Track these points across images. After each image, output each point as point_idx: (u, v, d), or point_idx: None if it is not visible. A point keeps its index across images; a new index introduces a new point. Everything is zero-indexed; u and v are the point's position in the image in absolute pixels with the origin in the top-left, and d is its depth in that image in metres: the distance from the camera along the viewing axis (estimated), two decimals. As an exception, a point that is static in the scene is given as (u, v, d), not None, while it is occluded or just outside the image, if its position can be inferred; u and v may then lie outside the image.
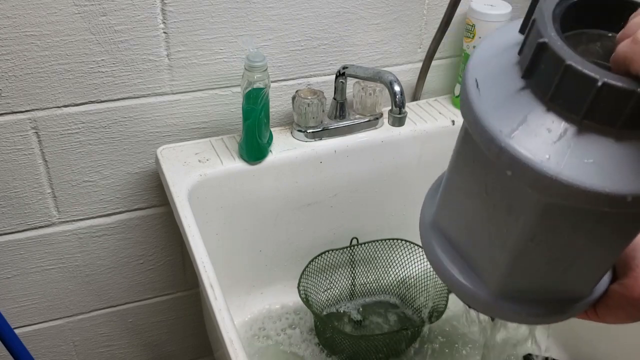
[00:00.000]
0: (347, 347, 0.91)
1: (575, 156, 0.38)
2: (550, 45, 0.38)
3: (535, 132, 0.39)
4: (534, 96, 0.40)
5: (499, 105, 0.41)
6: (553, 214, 0.42)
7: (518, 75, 0.41)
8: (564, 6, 0.41)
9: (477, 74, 0.43)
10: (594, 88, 0.36)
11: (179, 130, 0.92)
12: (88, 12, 0.78)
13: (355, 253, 1.00)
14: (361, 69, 0.88)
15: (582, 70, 0.37)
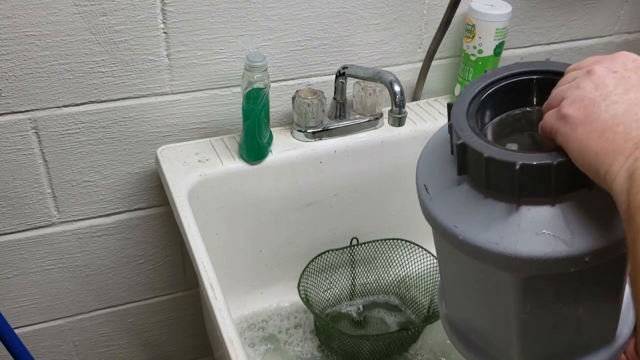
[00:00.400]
0: (347, 347, 0.91)
1: (526, 231, 0.41)
2: (469, 144, 0.42)
3: (484, 220, 0.42)
4: (472, 188, 0.44)
5: (447, 203, 0.45)
6: (532, 285, 0.44)
7: (455, 172, 0.45)
8: (479, 100, 0.46)
9: (424, 178, 0.48)
10: (515, 171, 0.40)
11: (179, 130, 0.92)
12: (88, 12, 0.78)
13: (355, 253, 1.00)
14: (361, 69, 0.88)
15: (500, 158, 0.41)
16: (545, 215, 0.41)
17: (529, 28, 1.07)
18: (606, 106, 0.38)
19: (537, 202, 0.41)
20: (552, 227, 0.40)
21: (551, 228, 0.40)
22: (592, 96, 0.39)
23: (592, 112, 0.39)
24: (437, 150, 0.49)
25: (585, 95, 0.40)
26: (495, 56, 0.97)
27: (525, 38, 1.08)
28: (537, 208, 0.41)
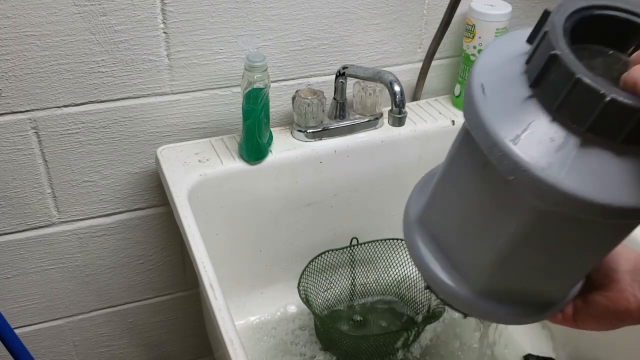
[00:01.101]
0: (347, 347, 0.91)
1: (575, 166, 0.39)
2: (562, 58, 0.39)
3: (539, 140, 0.40)
4: (540, 105, 0.41)
5: (504, 111, 0.41)
6: (546, 220, 0.43)
7: (525, 84, 0.42)
8: (573, 20, 0.42)
9: (484, 79, 0.44)
10: (602, 103, 0.37)
11: (179, 130, 0.92)
12: (88, 12, 0.78)
13: (355, 253, 1.00)
14: (361, 69, 0.88)
15: (592, 85, 0.38)
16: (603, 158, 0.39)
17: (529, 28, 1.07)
18: None
19: (600, 144, 0.39)
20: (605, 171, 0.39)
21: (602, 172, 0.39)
22: None
23: None
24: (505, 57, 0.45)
25: None
26: (495, 56, 0.97)
27: (525, 38, 1.08)
28: (597, 149, 0.39)
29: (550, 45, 0.40)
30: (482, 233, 0.48)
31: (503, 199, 0.44)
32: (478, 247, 0.49)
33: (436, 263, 0.52)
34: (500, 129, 0.41)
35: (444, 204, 0.52)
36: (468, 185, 0.48)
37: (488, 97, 0.43)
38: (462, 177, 0.49)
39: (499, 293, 0.50)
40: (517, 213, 0.43)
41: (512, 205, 0.44)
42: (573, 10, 0.43)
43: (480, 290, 0.50)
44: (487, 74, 0.44)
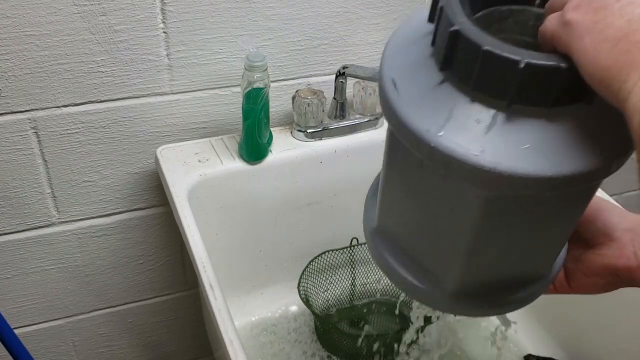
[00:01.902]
0: (347, 347, 0.91)
1: (510, 144, 0.36)
2: (464, 33, 0.36)
3: (464, 126, 0.37)
4: (456, 88, 0.37)
5: (421, 103, 0.38)
6: (497, 205, 0.40)
7: (435, 68, 0.38)
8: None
9: (393, 73, 0.40)
10: (517, 70, 0.34)
11: (178, 130, 0.92)
12: (88, 12, 0.78)
13: (355, 253, 0.99)
14: (361, 68, 0.88)
15: (502, 54, 0.34)
16: (536, 127, 0.36)
17: (529, 28, 1.07)
18: (620, 9, 0.32)
19: (529, 113, 0.36)
20: (541, 142, 0.36)
21: (539, 143, 0.36)
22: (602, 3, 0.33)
23: (602, 18, 0.33)
24: (409, 42, 0.42)
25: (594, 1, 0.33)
26: (496, 56, 0.97)
27: (526, 38, 1.08)
28: (529, 119, 0.36)
29: (449, 22, 0.36)
30: (439, 234, 0.45)
31: (447, 195, 0.41)
32: (441, 249, 0.46)
33: (406, 270, 0.49)
34: (421, 123, 0.37)
35: (394, 210, 0.49)
36: (410, 187, 0.45)
37: (401, 91, 0.39)
38: (402, 180, 0.46)
39: (478, 287, 0.47)
40: (465, 206, 0.40)
41: (458, 200, 0.41)
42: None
43: (457, 289, 0.47)
44: (396, 66, 0.41)
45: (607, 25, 0.32)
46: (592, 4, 0.33)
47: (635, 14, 0.32)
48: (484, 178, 0.36)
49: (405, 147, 0.39)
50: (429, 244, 0.47)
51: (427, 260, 0.48)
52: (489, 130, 0.36)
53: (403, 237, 0.49)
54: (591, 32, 0.33)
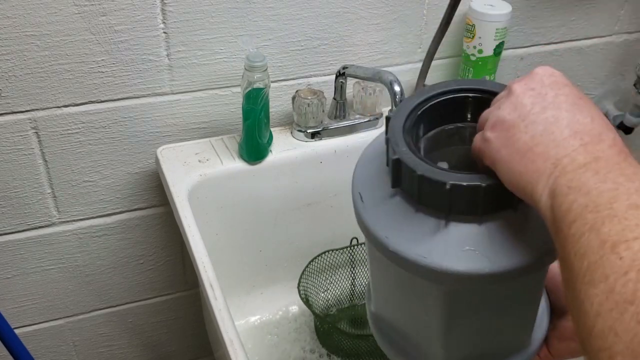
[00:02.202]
0: (347, 347, 0.91)
1: (452, 247, 0.42)
2: (403, 160, 0.44)
3: (414, 233, 0.44)
4: (404, 201, 0.45)
5: (380, 213, 0.46)
6: (457, 296, 0.46)
7: (389, 184, 0.46)
8: (416, 114, 0.48)
9: (361, 188, 0.50)
10: (445, 190, 0.41)
11: (179, 130, 0.92)
12: (88, 12, 0.78)
13: (355, 253, 1.00)
14: (361, 69, 0.88)
15: (432, 177, 0.42)
16: (471, 232, 0.43)
17: (529, 28, 1.07)
18: (525, 127, 0.39)
19: (465, 220, 0.43)
20: (477, 244, 0.42)
21: (476, 245, 0.42)
22: (511, 118, 0.40)
23: (512, 135, 0.40)
24: (373, 160, 0.51)
25: (505, 117, 0.41)
26: (495, 56, 0.97)
27: (525, 38, 1.08)
28: (464, 225, 0.43)
29: (393, 151, 0.45)
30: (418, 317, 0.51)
31: (416, 286, 0.48)
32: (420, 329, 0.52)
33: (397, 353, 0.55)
34: (381, 230, 0.45)
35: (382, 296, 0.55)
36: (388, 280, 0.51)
37: (366, 204, 0.49)
38: (381, 275, 0.52)
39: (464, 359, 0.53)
40: (432, 296, 0.47)
41: (425, 291, 0.47)
42: (411, 110, 0.48)
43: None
44: (363, 182, 0.51)
45: (516, 140, 0.39)
46: (504, 124, 0.41)
47: (537, 131, 0.39)
48: (434, 276, 0.43)
49: None
50: (411, 326, 0.53)
51: (414, 340, 0.53)
52: (433, 235, 0.43)
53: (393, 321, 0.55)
54: (505, 146, 0.40)
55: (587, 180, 0.35)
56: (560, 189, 0.36)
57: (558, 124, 0.39)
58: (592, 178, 0.35)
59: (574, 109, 0.39)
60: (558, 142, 0.38)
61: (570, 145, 0.37)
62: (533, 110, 0.40)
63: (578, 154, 0.37)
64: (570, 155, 0.37)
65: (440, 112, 0.49)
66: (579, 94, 0.41)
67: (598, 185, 0.35)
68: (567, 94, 0.40)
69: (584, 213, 0.34)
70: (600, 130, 0.38)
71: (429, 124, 0.49)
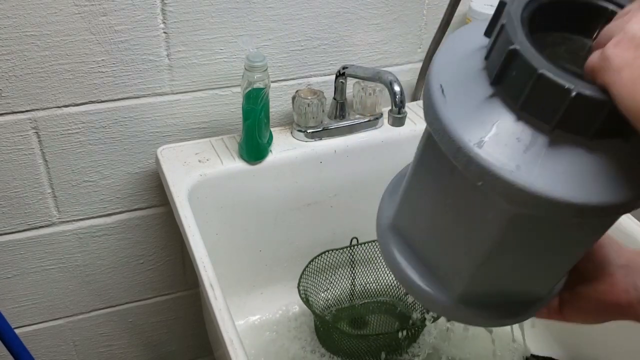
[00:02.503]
0: (347, 347, 0.91)
1: (546, 166, 0.37)
2: (522, 53, 0.37)
3: (505, 142, 0.38)
4: (504, 104, 0.39)
5: (466, 112, 0.39)
6: (522, 223, 0.41)
7: (486, 82, 0.40)
8: (531, 9, 0.40)
9: (442, 79, 0.41)
10: (568, 98, 0.35)
11: (179, 130, 0.92)
12: (88, 12, 0.78)
13: (355, 253, 1.00)
14: (361, 69, 0.88)
15: (556, 80, 0.36)
16: (573, 155, 0.37)
17: (529, 28, 1.07)
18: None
19: (569, 140, 0.37)
20: (576, 169, 0.37)
21: (573, 170, 0.37)
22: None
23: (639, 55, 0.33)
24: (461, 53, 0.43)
25: (635, 32, 0.34)
26: (495, 56, 0.97)
27: (525, 38, 1.08)
28: (567, 146, 0.37)
29: (509, 39, 0.37)
30: (456, 240, 0.46)
31: (474, 204, 0.42)
32: (454, 254, 0.47)
33: (413, 270, 0.50)
34: (463, 132, 0.38)
35: (415, 210, 0.50)
36: (437, 192, 0.46)
37: (448, 98, 0.40)
38: (430, 183, 0.47)
39: (480, 297, 0.48)
40: (490, 218, 0.42)
41: (485, 210, 0.42)
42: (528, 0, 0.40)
43: (460, 296, 0.48)
44: (446, 73, 0.42)
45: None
46: (633, 41, 0.34)
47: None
48: (515, 195, 0.37)
49: (441, 152, 0.40)
50: (445, 247, 0.48)
51: (436, 263, 0.49)
52: (528, 149, 0.37)
53: (418, 238, 0.50)
54: (630, 67, 0.34)
55: None
56: None
57: None
58: None
59: None
60: None
61: None
62: None
63: None
64: None
65: (556, 13, 0.41)
66: None
67: None
68: None
69: None
70: None
71: (538, 24, 0.40)
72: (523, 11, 0.39)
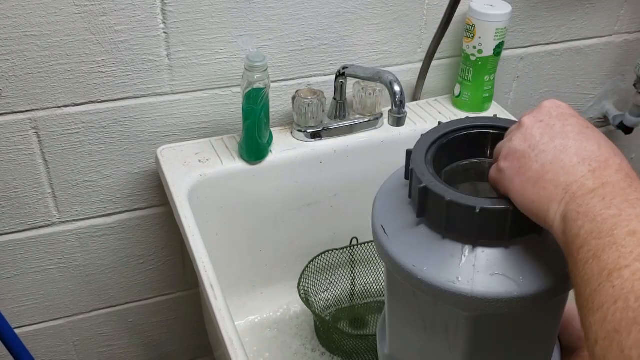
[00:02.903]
0: (347, 347, 0.91)
1: (481, 272, 0.44)
2: (430, 188, 0.45)
3: (442, 260, 0.45)
4: (431, 229, 0.47)
5: (405, 243, 0.47)
6: (482, 322, 0.47)
7: (413, 214, 0.48)
8: (434, 150, 0.50)
9: (382, 221, 0.50)
10: (475, 214, 0.43)
11: (179, 130, 0.92)
12: (88, 12, 0.78)
13: (355, 253, 1.00)
14: (361, 69, 0.88)
15: (462, 202, 0.44)
16: (499, 257, 0.44)
17: (529, 28, 1.07)
18: (535, 156, 0.42)
19: (492, 245, 0.44)
20: (505, 268, 0.44)
21: (504, 269, 0.44)
22: (522, 148, 0.43)
23: (524, 164, 0.42)
24: (392, 193, 0.53)
25: (516, 148, 0.43)
26: (495, 56, 0.97)
27: (525, 38, 1.08)
28: (492, 250, 0.44)
29: (419, 180, 0.46)
30: (439, 351, 0.51)
31: (441, 316, 0.48)
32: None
33: None
34: (407, 260, 0.46)
35: (400, 335, 0.56)
36: (410, 313, 0.52)
37: (390, 236, 0.49)
38: (403, 308, 0.53)
39: None
40: (458, 324, 0.47)
41: (451, 319, 0.48)
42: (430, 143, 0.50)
43: None
44: (384, 215, 0.51)
45: (528, 169, 0.42)
46: (516, 154, 0.43)
47: (547, 159, 0.41)
48: (464, 302, 0.44)
49: (400, 280, 0.47)
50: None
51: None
52: (461, 262, 0.44)
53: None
54: (518, 175, 0.42)
55: (594, 206, 0.37)
56: (571, 214, 0.38)
57: (567, 152, 0.41)
58: (598, 204, 0.37)
59: (581, 137, 0.41)
60: (567, 169, 0.40)
61: (579, 171, 0.39)
62: (542, 140, 0.42)
63: (587, 179, 0.39)
64: (579, 181, 0.39)
65: (456, 147, 0.52)
66: (585, 123, 0.43)
67: (603, 211, 0.36)
68: (574, 124, 0.43)
69: (589, 239, 0.36)
70: (607, 156, 0.40)
71: (446, 159, 0.51)
72: (427, 154, 0.49)
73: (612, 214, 0.36)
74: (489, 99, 1.02)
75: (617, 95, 1.24)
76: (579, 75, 1.18)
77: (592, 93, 1.22)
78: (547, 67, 1.14)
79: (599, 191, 0.38)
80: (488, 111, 1.03)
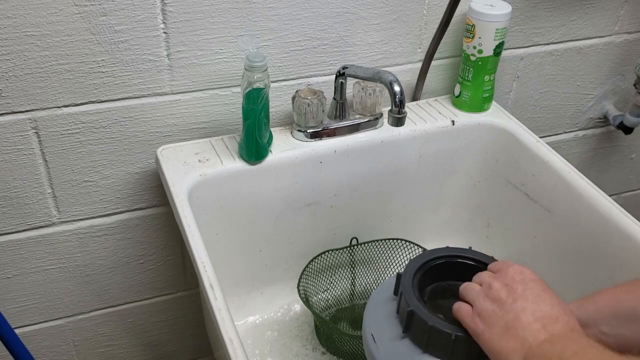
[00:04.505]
0: (347, 347, 0.91)
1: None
2: (416, 313, 0.57)
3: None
4: (413, 343, 0.58)
5: (391, 353, 0.59)
6: None
7: (399, 328, 0.59)
8: (422, 272, 0.62)
9: (372, 330, 0.62)
10: (451, 339, 0.56)
11: (179, 130, 0.92)
12: (88, 12, 0.78)
13: (355, 253, 1.00)
14: (361, 69, 0.88)
15: (441, 328, 0.56)
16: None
17: (529, 28, 1.07)
18: (502, 315, 0.54)
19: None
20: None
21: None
22: (492, 308, 0.55)
23: (492, 322, 0.54)
24: (382, 305, 0.63)
25: (487, 308, 0.56)
26: (495, 56, 0.97)
27: (525, 38, 1.08)
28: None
29: (407, 303, 0.58)
30: None
31: None
32: None
33: None
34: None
35: None
36: None
37: (378, 344, 0.60)
38: None
39: None
40: None
41: None
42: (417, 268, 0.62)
43: None
44: (374, 324, 0.62)
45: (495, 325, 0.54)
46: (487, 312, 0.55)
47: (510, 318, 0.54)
48: None
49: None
50: None
51: None
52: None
53: None
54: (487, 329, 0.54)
55: (546, 351, 0.51)
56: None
57: (525, 313, 0.54)
58: (549, 350, 0.50)
59: (538, 299, 0.54)
60: (525, 326, 0.53)
61: (534, 328, 0.53)
62: (507, 301, 0.55)
63: (540, 333, 0.52)
64: (534, 335, 0.52)
65: (438, 271, 0.64)
66: (542, 287, 0.56)
67: (551, 356, 0.50)
68: (533, 288, 0.55)
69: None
70: (557, 315, 0.53)
71: (429, 279, 0.63)
72: (414, 277, 0.61)
73: (557, 352, 0.50)
74: (488, 99, 1.02)
75: (617, 95, 1.24)
76: (579, 75, 1.18)
77: (592, 93, 1.22)
78: (547, 67, 1.14)
79: (549, 339, 0.51)
80: (488, 111, 1.03)
